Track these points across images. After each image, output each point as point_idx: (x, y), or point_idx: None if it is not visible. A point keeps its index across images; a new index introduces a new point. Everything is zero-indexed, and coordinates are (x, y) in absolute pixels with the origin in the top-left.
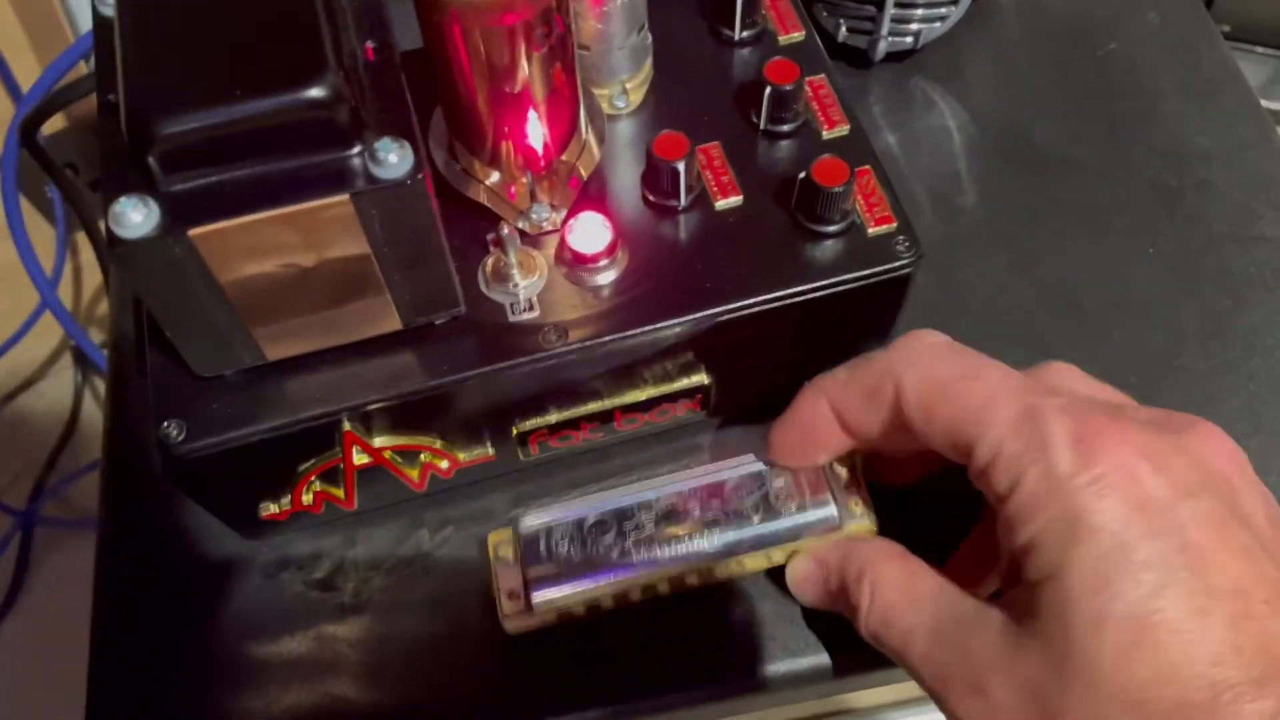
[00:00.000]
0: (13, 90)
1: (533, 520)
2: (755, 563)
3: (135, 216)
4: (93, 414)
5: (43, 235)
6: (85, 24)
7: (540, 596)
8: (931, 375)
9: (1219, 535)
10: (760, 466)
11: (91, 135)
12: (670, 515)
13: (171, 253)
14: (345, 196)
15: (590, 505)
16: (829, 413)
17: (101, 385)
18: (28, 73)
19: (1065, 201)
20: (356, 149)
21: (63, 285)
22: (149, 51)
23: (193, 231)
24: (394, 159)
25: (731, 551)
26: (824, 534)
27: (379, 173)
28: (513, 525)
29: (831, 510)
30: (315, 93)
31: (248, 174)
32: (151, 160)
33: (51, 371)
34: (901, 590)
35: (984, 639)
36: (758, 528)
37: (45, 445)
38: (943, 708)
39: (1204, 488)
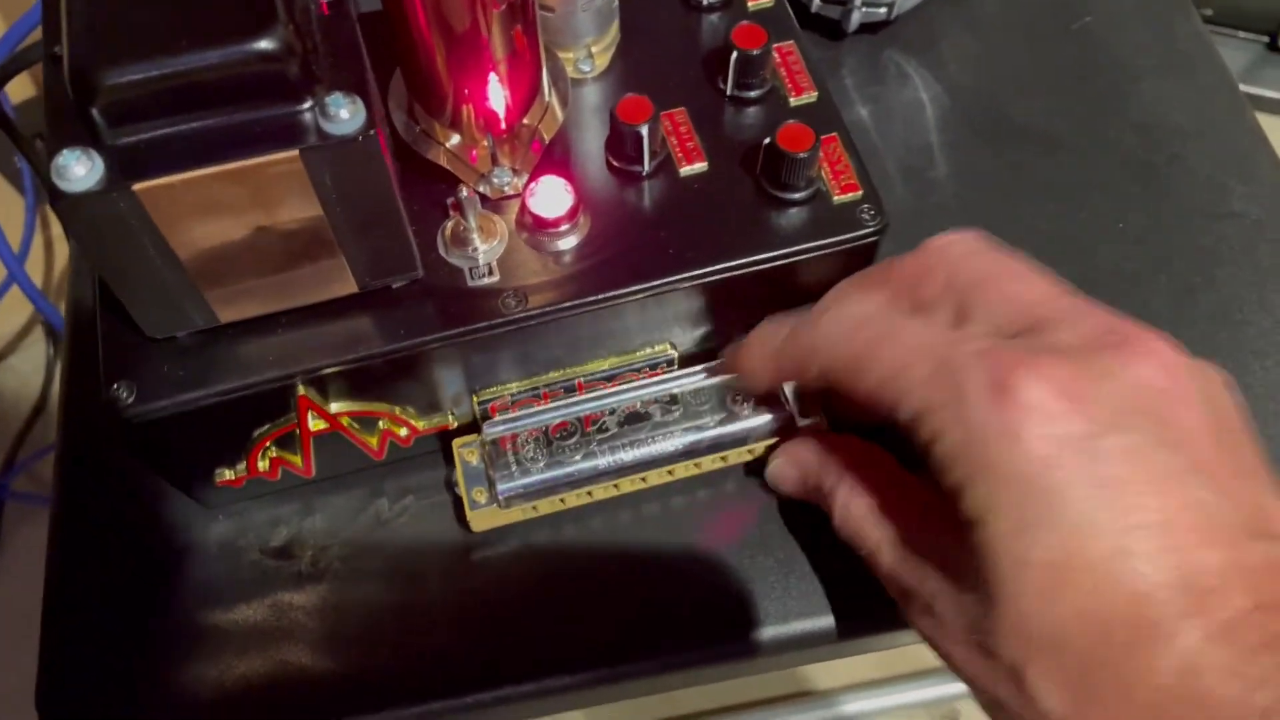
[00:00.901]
0: None
1: (498, 426)
2: (712, 464)
3: (79, 170)
4: None
5: (12, 208)
6: None
7: (506, 490)
8: (848, 351)
9: (1143, 467)
10: (719, 377)
11: None
12: (633, 418)
13: (116, 208)
14: (295, 152)
15: (556, 410)
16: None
17: None
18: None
19: (1037, 176)
20: (307, 104)
21: (32, 259)
22: (93, 1)
23: (138, 186)
24: (345, 114)
25: (691, 452)
26: (778, 436)
27: (329, 128)
28: (479, 430)
29: (785, 413)
30: (264, 44)
31: (195, 128)
32: (95, 112)
33: (22, 346)
34: (869, 506)
35: (938, 566)
36: (715, 430)
37: (16, 420)
38: (905, 617)
39: (1129, 414)
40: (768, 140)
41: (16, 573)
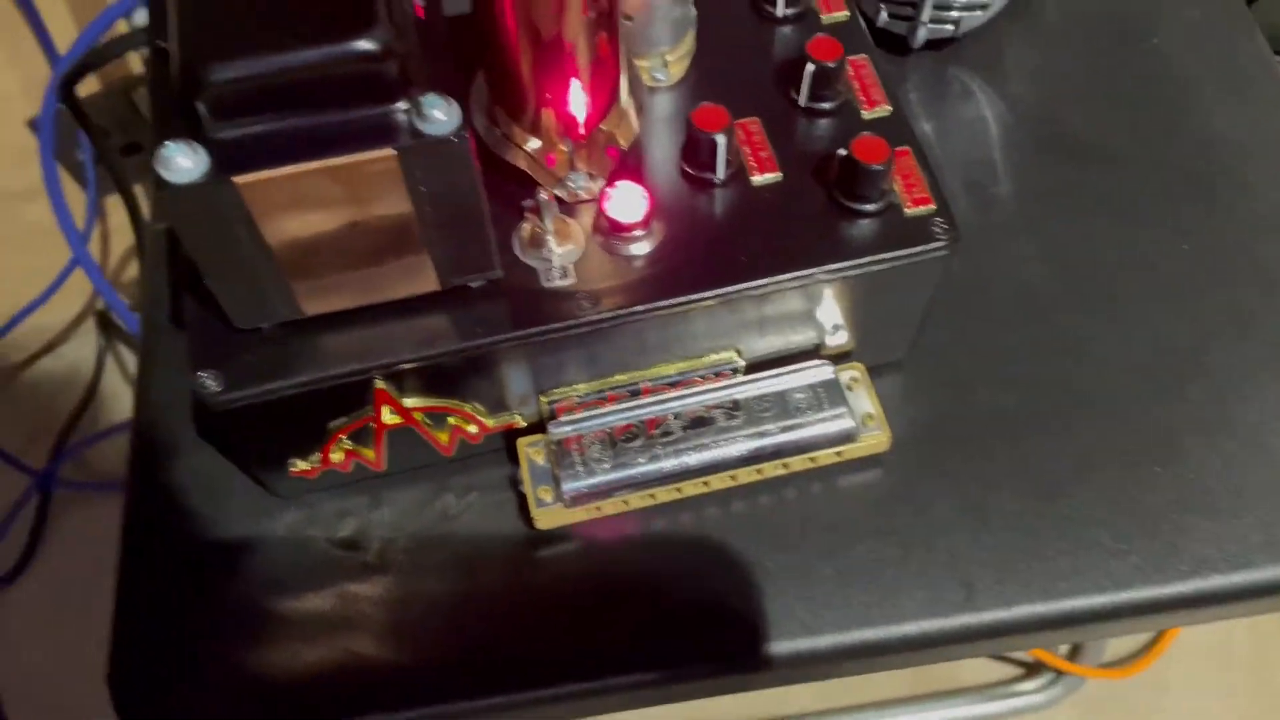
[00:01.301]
0: (49, 50)
1: (564, 426)
2: (774, 470)
3: (183, 161)
4: (114, 378)
5: (73, 200)
6: None
7: (571, 490)
8: None
9: None
10: (783, 384)
11: (125, 101)
12: (697, 423)
13: (217, 199)
14: (390, 151)
15: (620, 412)
16: None
17: (124, 350)
18: (64, 34)
19: (1099, 192)
20: (403, 104)
21: (91, 248)
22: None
23: (238, 179)
24: (440, 115)
25: (754, 459)
26: (840, 445)
27: (424, 128)
28: (545, 430)
29: (848, 422)
30: (365, 45)
31: (295, 124)
32: (201, 106)
33: (75, 335)
34: None
35: None
36: (778, 438)
37: (65, 407)
38: None
39: None
40: (842, 151)
41: (64, 558)
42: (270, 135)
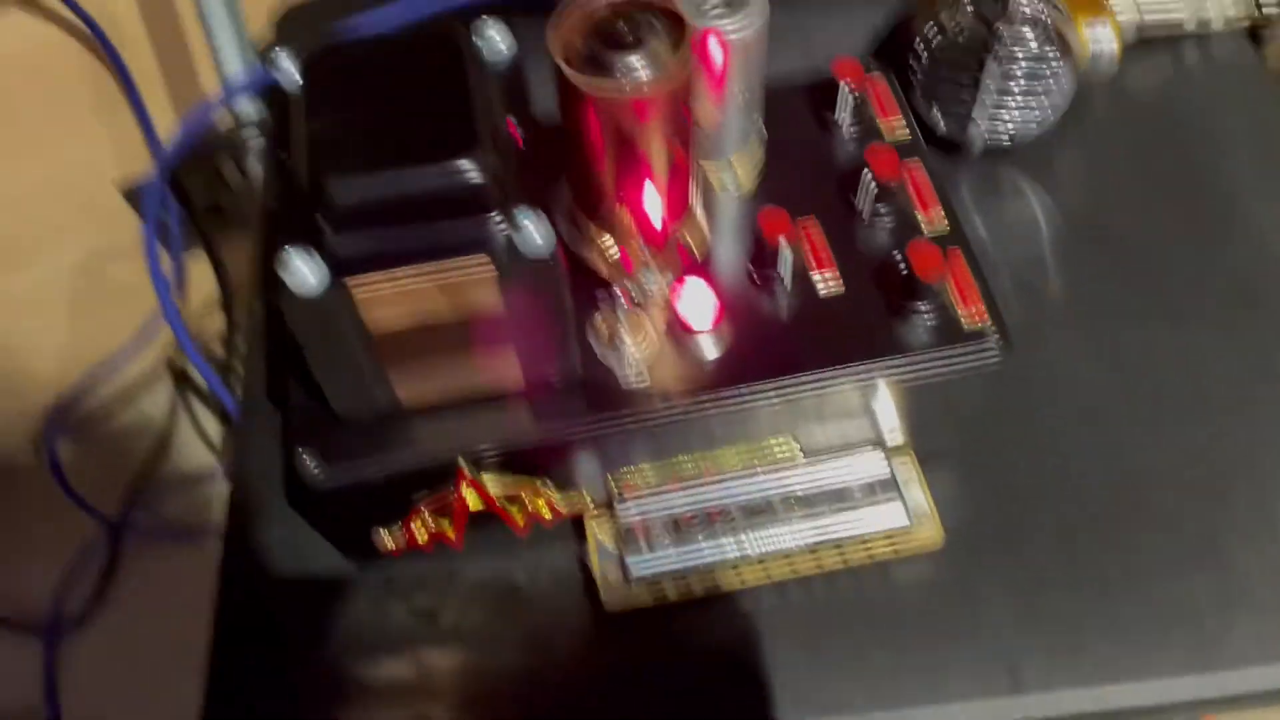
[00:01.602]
0: (144, 122)
1: (631, 509)
2: (832, 562)
3: (302, 266)
4: (185, 430)
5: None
6: (230, 76)
7: (636, 572)
8: None
9: None
10: (840, 476)
11: (210, 166)
12: (757, 510)
13: (330, 299)
14: (487, 259)
15: (685, 497)
16: None
17: (196, 402)
18: (160, 106)
19: (1149, 295)
20: (499, 217)
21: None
22: (326, 123)
23: (351, 282)
24: (533, 230)
25: (812, 548)
26: (894, 537)
27: (518, 239)
28: (612, 513)
29: (903, 517)
30: (464, 163)
31: (403, 235)
32: (320, 216)
33: (151, 389)
34: None
35: None
36: (835, 528)
37: (138, 456)
38: None
39: None
40: (900, 258)
41: (130, 603)
42: (381, 244)
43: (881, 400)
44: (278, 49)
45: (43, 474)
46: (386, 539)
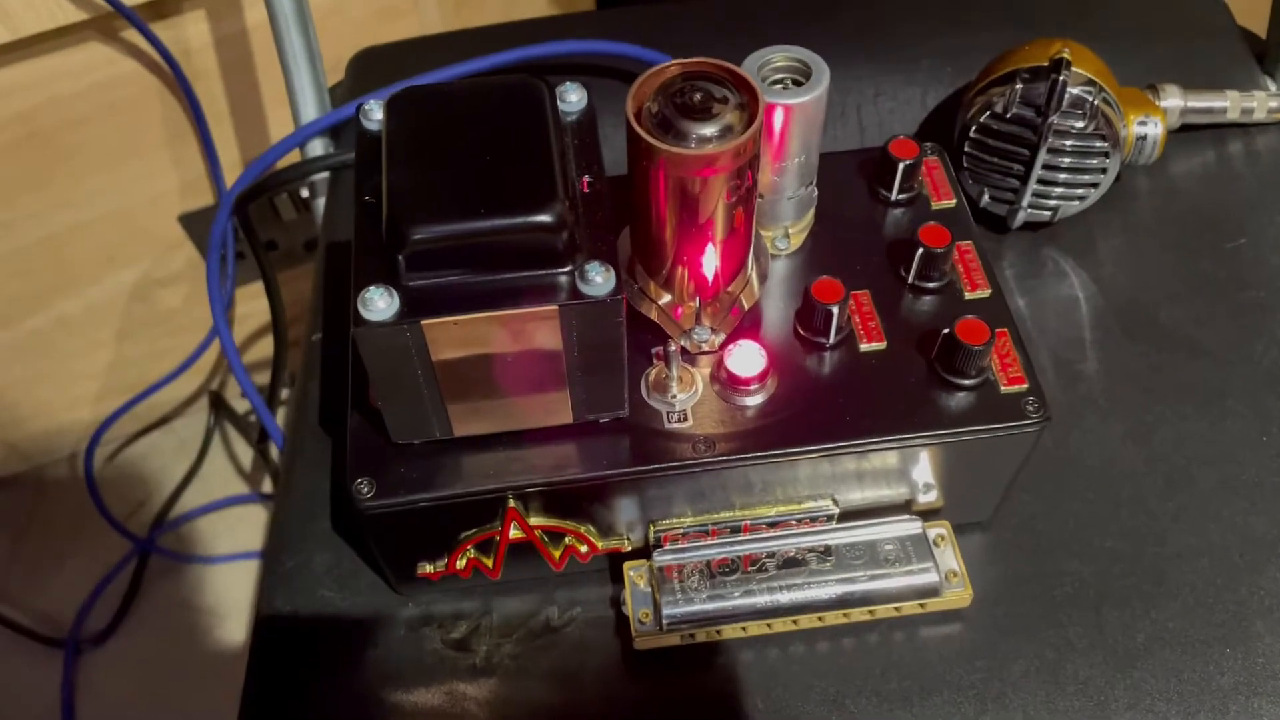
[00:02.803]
0: (210, 155)
1: (667, 555)
2: (860, 615)
3: (380, 303)
4: (218, 456)
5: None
6: (305, 115)
7: (670, 616)
8: None
9: None
10: (874, 535)
11: (267, 203)
12: (790, 563)
13: (403, 336)
14: (554, 307)
15: (720, 546)
16: None
17: (231, 430)
18: (226, 140)
19: (1184, 381)
20: (568, 268)
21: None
22: (409, 168)
23: (425, 321)
24: (599, 280)
25: (842, 603)
26: (924, 597)
27: (585, 290)
28: (648, 558)
29: (933, 577)
30: (543, 218)
31: (476, 279)
32: (400, 258)
33: (188, 412)
34: None
35: None
36: (866, 585)
37: (171, 480)
38: None
39: None
40: (946, 330)
41: (153, 623)
42: (455, 286)
43: (920, 465)
44: (371, 100)
45: (78, 490)
46: (428, 566)
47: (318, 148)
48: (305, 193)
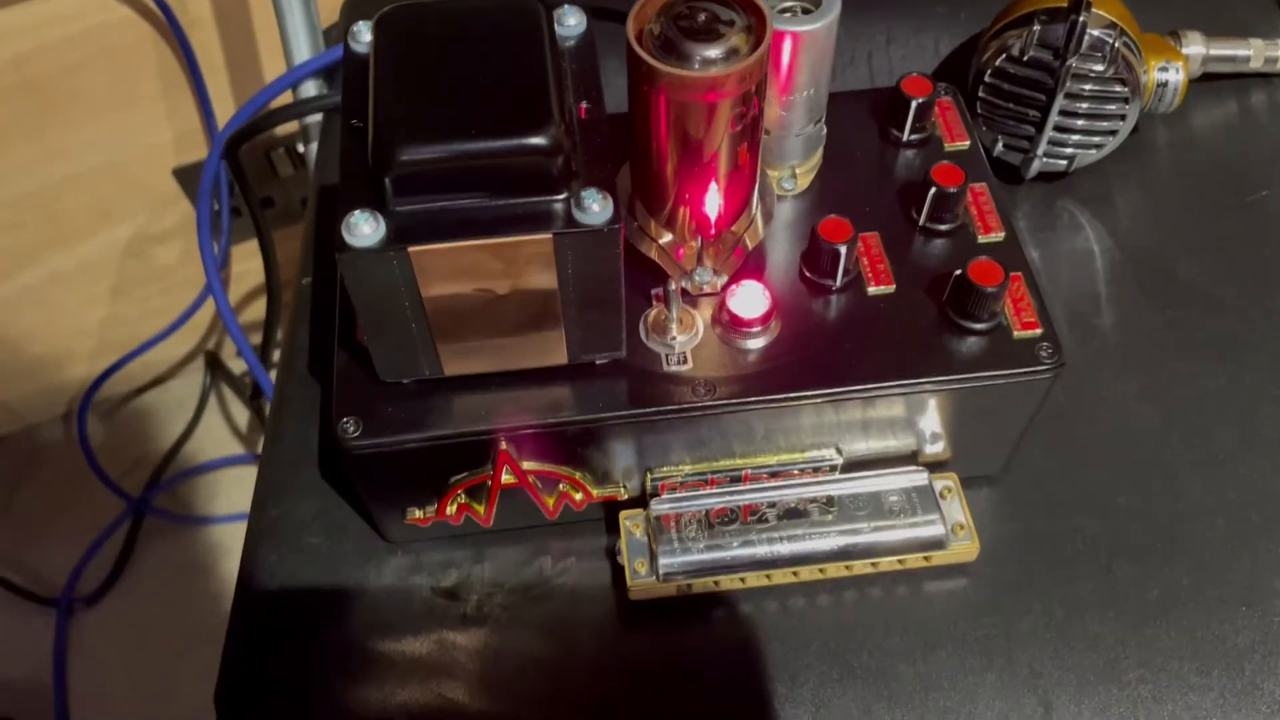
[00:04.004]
0: (205, 106)
1: (664, 504)
2: (862, 568)
3: (366, 228)
4: (214, 417)
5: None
6: (298, 56)
7: (666, 565)
8: None
9: None
10: (878, 485)
11: (263, 158)
12: (791, 514)
13: (390, 264)
14: (548, 235)
15: (720, 495)
16: None
17: (227, 390)
18: (221, 92)
19: (1201, 335)
20: (564, 195)
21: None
22: (398, 88)
23: (412, 248)
24: (596, 208)
25: (844, 555)
26: (929, 550)
27: (582, 219)
28: (645, 507)
29: (939, 529)
30: (537, 140)
31: (467, 205)
32: (387, 181)
33: (183, 372)
34: None
35: None
36: (869, 537)
37: (166, 440)
38: None
39: None
40: (959, 272)
41: (146, 583)
42: (444, 213)
43: (928, 414)
44: (360, 23)
45: (72, 449)
46: (417, 511)
47: (311, 90)
48: (300, 146)
